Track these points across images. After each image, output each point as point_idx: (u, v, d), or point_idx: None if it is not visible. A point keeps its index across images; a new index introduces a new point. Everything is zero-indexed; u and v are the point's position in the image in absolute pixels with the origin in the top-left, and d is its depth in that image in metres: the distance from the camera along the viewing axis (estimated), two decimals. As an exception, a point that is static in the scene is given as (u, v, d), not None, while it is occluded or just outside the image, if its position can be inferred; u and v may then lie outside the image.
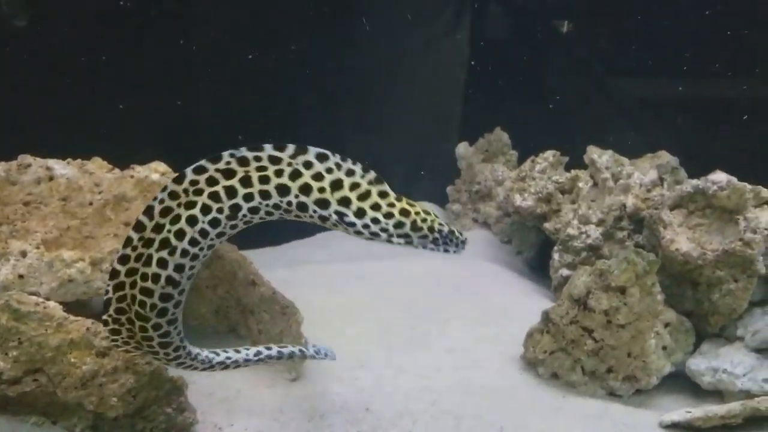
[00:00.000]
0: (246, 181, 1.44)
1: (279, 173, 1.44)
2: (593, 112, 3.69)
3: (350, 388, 2.25)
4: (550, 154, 3.01)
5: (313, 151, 1.47)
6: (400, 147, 3.73)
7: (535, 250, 3.28)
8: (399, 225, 1.50)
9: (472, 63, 3.65)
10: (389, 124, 3.74)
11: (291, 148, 1.46)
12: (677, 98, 3.55)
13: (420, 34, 3.77)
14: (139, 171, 2.15)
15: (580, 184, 2.88)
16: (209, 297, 2.35)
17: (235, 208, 1.45)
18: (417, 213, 1.51)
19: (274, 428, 2.06)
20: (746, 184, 2.33)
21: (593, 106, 3.71)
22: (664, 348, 2.35)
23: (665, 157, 2.91)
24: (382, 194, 1.49)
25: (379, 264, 3.01)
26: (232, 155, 1.45)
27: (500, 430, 2.10)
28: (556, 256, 2.81)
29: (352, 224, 1.49)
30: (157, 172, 2.14)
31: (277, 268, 3.04)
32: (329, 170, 1.48)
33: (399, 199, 1.51)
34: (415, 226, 1.52)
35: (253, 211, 1.46)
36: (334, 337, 2.46)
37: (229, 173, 1.44)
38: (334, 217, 1.48)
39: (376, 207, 1.49)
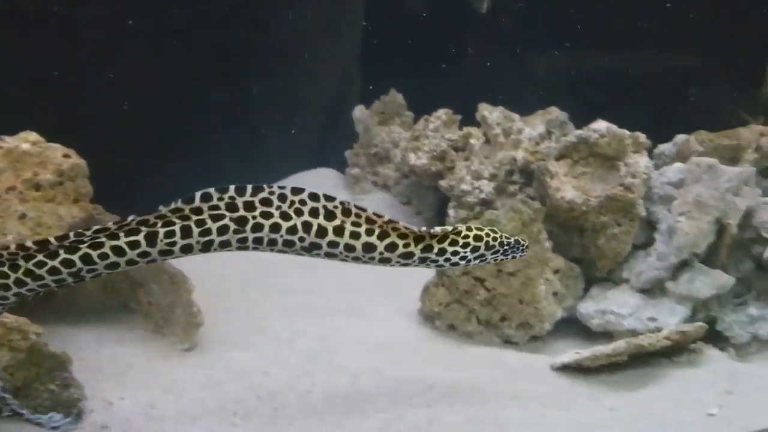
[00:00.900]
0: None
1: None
2: (489, 73, 3.73)
3: (247, 354, 2.23)
4: (442, 113, 3.03)
5: None
6: (297, 114, 3.70)
7: (434, 209, 3.30)
8: (475, 250, 1.73)
9: (365, 24, 3.63)
10: (285, 92, 3.69)
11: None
12: (569, 63, 3.62)
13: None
14: (8, 141, 2.06)
15: (473, 141, 2.91)
16: (96, 271, 2.28)
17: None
18: (487, 235, 1.74)
19: (167, 399, 2.02)
20: (625, 131, 2.40)
21: (489, 68, 3.75)
22: (555, 294, 2.42)
23: (555, 112, 2.97)
24: (456, 232, 1.72)
25: (276, 230, 2.98)
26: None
27: (398, 382, 2.13)
28: (451, 212, 2.85)
29: (436, 261, 1.73)
30: (27, 141, 2.05)
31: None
32: None
33: (470, 229, 1.73)
34: (488, 246, 1.74)
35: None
36: (230, 304, 2.44)
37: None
38: (418, 261, 1.74)
39: (454, 243, 1.71)
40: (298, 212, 1.59)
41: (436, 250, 1.70)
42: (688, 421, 1.98)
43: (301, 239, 1.64)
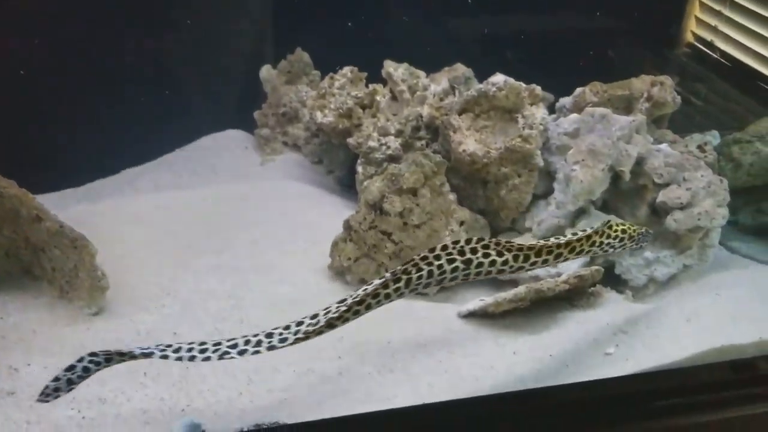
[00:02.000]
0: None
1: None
2: (396, 31, 3.73)
3: (156, 315, 2.23)
4: (348, 71, 3.03)
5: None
6: (205, 75, 3.64)
7: (345, 168, 3.31)
8: (621, 241, 2.03)
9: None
10: (192, 55, 3.62)
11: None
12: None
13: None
14: None
15: (378, 98, 2.93)
16: (-4, 240, 2.23)
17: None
18: (628, 229, 2.05)
19: (76, 363, 2.01)
20: (521, 83, 2.46)
21: (396, 25, 3.75)
22: (462, 245, 2.48)
23: (460, 69, 3.00)
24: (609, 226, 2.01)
25: (185, 192, 2.96)
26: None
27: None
28: (359, 169, 2.87)
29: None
30: None
31: (79, 205, 2.92)
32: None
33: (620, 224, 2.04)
34: (631, 238, 2.06)
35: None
36: (137, 267, 2.41)
37: None
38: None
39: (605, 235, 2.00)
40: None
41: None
42: (587, 361, 2.08)
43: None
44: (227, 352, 1.72)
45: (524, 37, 3.63)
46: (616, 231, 2.03)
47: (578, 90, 2.69)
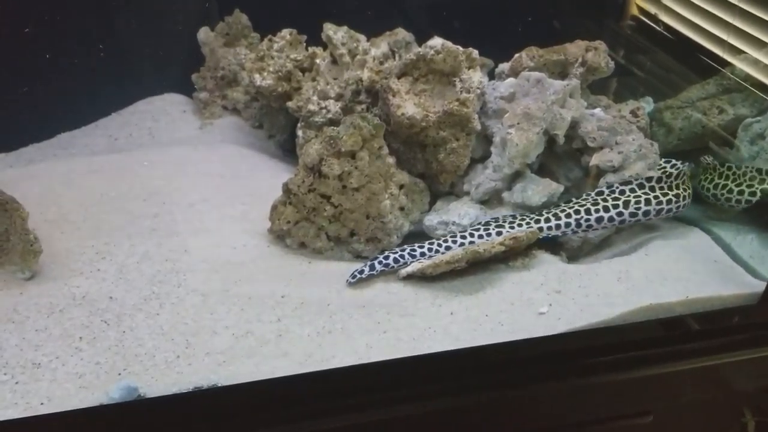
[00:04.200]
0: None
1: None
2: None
3: (91, 280, 2.20)
4: (287, 33, 2.99)
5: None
6: (141, 37, 3.56)
7: (286, 132, 3.29)
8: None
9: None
10: (129, 17, 3.54)
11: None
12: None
13: None
14: None
15: (318, 61, 2.91)
16: None
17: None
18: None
19: (8, 328, 1.98)
20: (459, 47, 2.47)
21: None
22: (402, 209, 2.50)
23: (401, 33, 3.00)
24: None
25: (120, 156, 2.91)
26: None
27: (248, 299, 2.16)
28: (300, 133, 2.86)
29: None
30: None
31: (10, 169, 2.86)
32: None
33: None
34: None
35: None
36: (72, 231, 2.38)
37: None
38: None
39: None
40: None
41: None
42: (521, 320, 2.13)
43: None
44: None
45: (469, 4, 3.64)
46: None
47: (516, 55, 2.71)
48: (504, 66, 2.74)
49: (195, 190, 2.68)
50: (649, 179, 2.42)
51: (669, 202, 2.42)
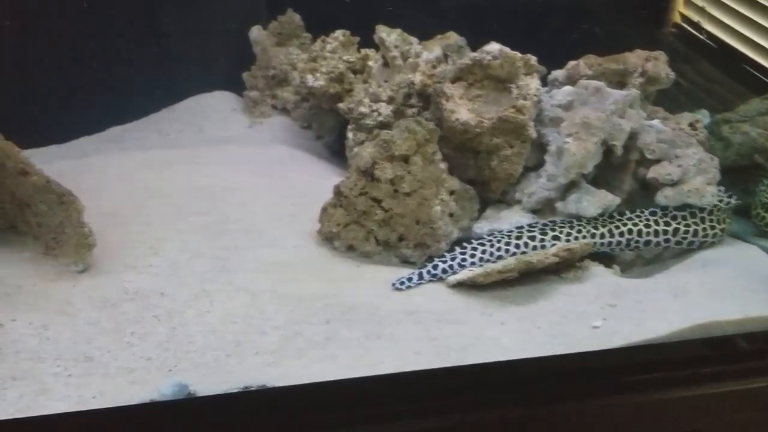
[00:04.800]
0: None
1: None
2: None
3: (143, 275, 2.21)
4: (340, 34, 2.99)
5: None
6: (193, 35, 3.58)
7: (334, 133, 3.29)
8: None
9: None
10: (181, 14, 3.57)
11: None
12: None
13: None
14: None
15: (371, 63, 2.90)
16: (-21, 193, 2.19)
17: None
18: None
19: (61, 321, 1.99)
20: (517, 53, 2.45)
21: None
22: (451, 215, 2.47)
23: (453, 37, 2.98)
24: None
25: (171, 152, 2.93)
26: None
27: (297, 301, 2.15)
28: (350, 135, 2.85)
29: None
30: None
31: (63, 161, 2.88)
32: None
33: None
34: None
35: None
36: (124, 225, 2.39)
37: None
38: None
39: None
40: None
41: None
42: (574, 333, 2.09)
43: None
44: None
45: (511, 8, 3.61)
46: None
47: (572, 62, 2.67)
48: (557, 73, 2.70)
49: (245, 189, 2.68)
50: (701, 210, 2.44)
51: (714, 236, 2.46)
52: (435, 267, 2.30)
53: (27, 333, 1.92)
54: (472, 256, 2.33)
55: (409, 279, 2.27)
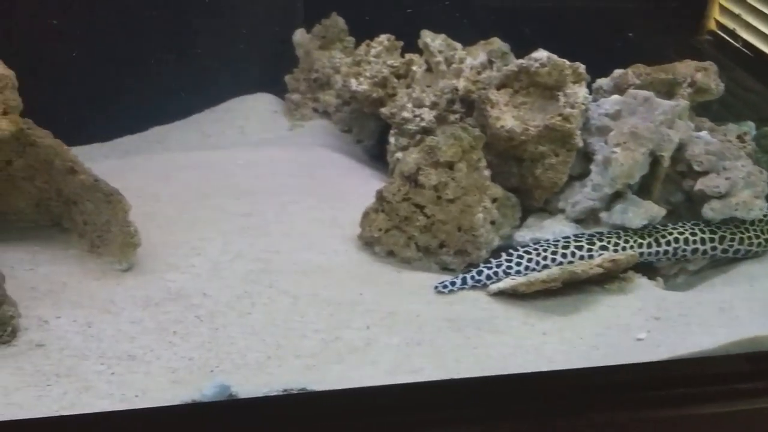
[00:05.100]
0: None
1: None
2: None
3: (186, 275, 2.21)
4: (384, 38, 2.99)
5: None
6: (236, 36, 3.60)
7: (374, 138, 3.29)
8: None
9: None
10: (223, 15, 3.59)
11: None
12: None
13: None
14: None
15: (414, 68, 2.89)
16: (27, 189, 2.21)
17: None
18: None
19: (105, 319, 2.00)
20: (565, 61, 2.42)
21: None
22: (493, 223, 2.45)
23: (497, 43, 2.96)
24: None
25: (214, 153, 2.95)
26: None
27: (338, 305, 2.15)
28: (392, 139, 2.84)
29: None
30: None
31: (107, 159, 2.91)
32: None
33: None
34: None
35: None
36: (167, 225, 2.41)
37: None
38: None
39: None
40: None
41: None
42: (618, 344, 2.07)
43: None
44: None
45: (543, 13, 3.58)
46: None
47: (619, 71, 2.64)
48: (602, 81, 2.67)
49: (286, 192, 2.69)
50: (745, 221, 2.42)
51: (759, 245, 2.44)
52: (479, 273, 2.29)
53: (71, 330, 1.94)
54: (518, 264, 2.31)
55: (452, 283, 2.26)
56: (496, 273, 2.28)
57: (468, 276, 2.28)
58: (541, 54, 2.43)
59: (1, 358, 1.80)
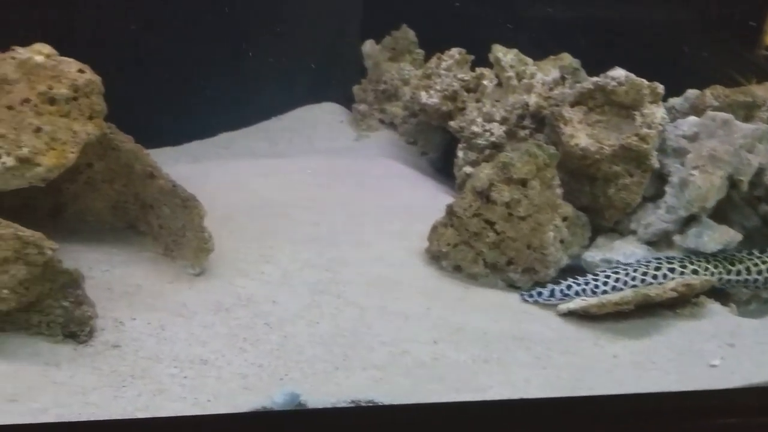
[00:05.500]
0: None
1: None
2: (494, 16, 3.67)
3: (256, 282, 2.23)
4: (455, 52, 2.99)
5: None
6: (304, 46, 3.64)
7: (440, 151, 3.29)
8: None
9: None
10: (292, 25, 3.63)
11: None
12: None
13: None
14: (21, 52, 2.00)
15: (485, 82, 2.88)
16: (105, 191, 2.26)
17: None
18: None
19: (178, 322, 2.03)
20: (644, 80, 2.39)
21: (495, 11, 3.69)
22: (562, 241, 2.43)
23: (567, 59, 2.94)
24: None
25: (283, 161, 2.97)
26: None
27: (405, 318, 2.15)
28: (460, 153, 2.84)
29: None
30: (41, 54, 2.00)
31: (178, 164, 2.95)
32: None
33: None
34: None
35: None
36: (238, 232, 2.43)
37: None
38: None
39: None
40: None
41: None
42: (690, 371, 2.02)
43: None
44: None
45: (598, 25, 3.54)
46: None
47: (693, 92, 2.60)
48: (676, 101, 2.63)
49: (354, 202, 2.70)
50: None
51: None
52: (569, 287, 2.28)
53: (145, 333, 1.97)
54: (605, 283, 2.29)
55: (539, 293, 2.27)
56: (584, 290, 2.26)
57: (557, 288, 2.28)
58: (619, 72, 2.40)
59: (80, 357, 1.84)
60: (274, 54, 3.58)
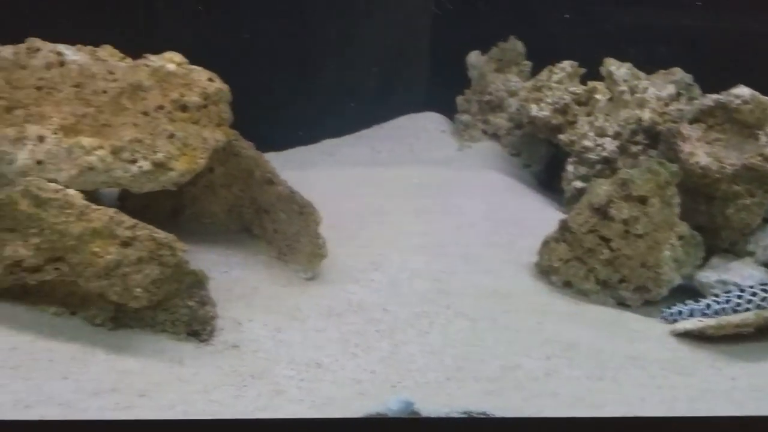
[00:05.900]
0: None
1: None
2: (601, 27, 3.62)
3: (366, 289, 2.26)
4: (567, 65, 2.96)
5: None
6: (408, 56, 3.67)
7: (543, 163, 3.26)
8: None
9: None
10: (396, 34, 3.67)
11: None
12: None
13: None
14: (154, 60, 2.08)
15: (597, 96, 2.85)
16: (223, 195, 2.33)
17: None
18: None
19: (293, 325, 2.07)
20: (769, 99, 2.32)
21: (602, 22, 3.64)
22: (676, 261, 2.37)
23: (679, 73, 2.88)
24: None
25: (387, 170, 3.00)
26: None
27: (515, 332, 2.13)
28: (570, 168, 2.80)
29: None
30: (172, 62, 2.08)
31: (285, 170, 3.01)
32: None
33: None
34: None
35: None
36: (348, 239, 2.46)
37: None
38: None
39: None
40: None
41: None
42: (813, 397, 1.95)
43: None
44: None
45: (683, 32, 3.45)
46: None
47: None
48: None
49: (461, 214, 2.70)
50: None
51: None
52: (708, 307, 2.23)
53: (263, 334, 2.01)
54: (749, 302, 2.22)
55: (680, 312, 2.24)
56: (724, 309, 2.21)
57: (697, 307, 2.24)
58: (743, 90, 2.33)
59: (202, 356, 1.89)
60: (378, 62, 3.62)
